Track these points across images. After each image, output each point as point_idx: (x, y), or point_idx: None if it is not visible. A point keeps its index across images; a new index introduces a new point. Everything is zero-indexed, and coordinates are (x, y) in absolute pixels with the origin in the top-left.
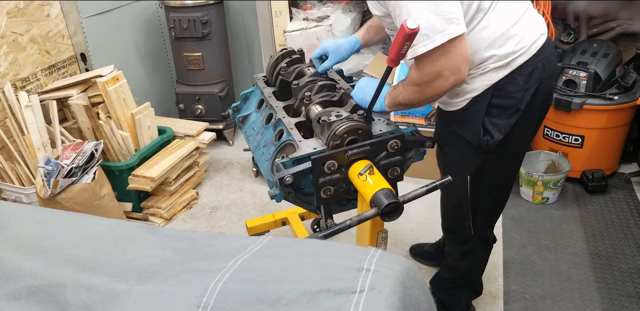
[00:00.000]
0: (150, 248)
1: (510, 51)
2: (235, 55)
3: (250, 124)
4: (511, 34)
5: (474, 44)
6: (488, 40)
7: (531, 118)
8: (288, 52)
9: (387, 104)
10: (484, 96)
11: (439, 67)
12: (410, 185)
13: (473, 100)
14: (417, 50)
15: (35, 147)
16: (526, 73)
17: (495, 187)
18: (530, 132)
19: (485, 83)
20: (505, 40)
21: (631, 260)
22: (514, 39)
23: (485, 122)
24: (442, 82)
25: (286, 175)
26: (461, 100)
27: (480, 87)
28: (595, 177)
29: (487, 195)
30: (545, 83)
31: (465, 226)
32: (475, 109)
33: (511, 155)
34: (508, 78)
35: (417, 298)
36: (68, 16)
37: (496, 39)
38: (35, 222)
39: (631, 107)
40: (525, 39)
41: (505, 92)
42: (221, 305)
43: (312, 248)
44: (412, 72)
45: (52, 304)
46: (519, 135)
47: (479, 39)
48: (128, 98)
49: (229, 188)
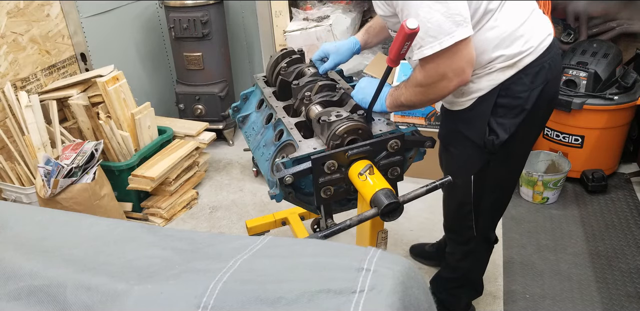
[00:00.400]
0: (150, 248)
1: (518, 51)
2: (235, 55)
3: (250, 124)
4: (519, 34)
5: (482, 44)
6: (496, 41)
7: (536, 118)
8: (288, 52)
9: (389, 105)
10: (490, 96)
11: (444, 69)
12: (410, 185)
13: (479, 100)
14: (424, 51)
15: (35, 147)
16: (532, 73)
17: (499, 187)
18: (534, 132)
19: (491, 83)
20: (512, 40)
21: (631, 260)
22: (521, 39)
23: (491, 121)
24: (446, 84)
25: (286, 175)
26: (467, 100)
27: (486, 86)
28: (595, 177)
29: (490, 195)
30: (551, 84)
31: (467, 226)
32: (481, 109)
33: (515, 155)
34: (514, 78)
35: (417, 298)
36: (68, 16)
37: (504, 39)
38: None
39: (631, 107)
40: (533, 39)
41: (512, 91)
42: (221, 305)
43: (312, 248)
44: (417, 73)
45: (52, 304)
46: (524, 135)
47: (487, 39)
48: (128, 98)
49: (229, 188)
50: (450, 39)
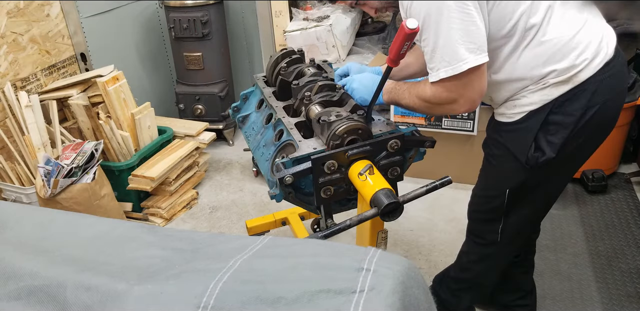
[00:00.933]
0: (150, 248)
1: (570, 65)
2: (235, 55)
3: (250, 124)
4: (571, 47)
5: (530, 61)
6: (545, 56)
7: (589, 140)
8: (288, 52)
9: (386, 100)
10: (542, 111)
11: (455, 95)
12: (410, 185)
13: (529, 114)
14: (440, 74)
15: (35, 147)
16: (590, 90)
17: (533, 206)
18: (583, 155)
19: (545, 98)
20: (564, 54)
21: (631, 260)
22: (574, 52)
23: (540, 138)
24: (454, 107)
25: (286, 175)
26: (517, 113)
27: (539, 101)
28: (595, 177)
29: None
30: (611, 103)
31: (493, 230)
32: (530, 124)
33: (558, 177)
34: (569, 94)
35: (417, 298)
36: (68, 16)
37: (554, 54)
38: (35, 222)
39: (631, 107)
40: (587, 51)
41: (566, 109)
42: (221, 305)
43: (312, 248)
44: (426, 89)
45: (52, 304)
46: (572, 157)
47: (536, 55)
48: (128, 98)
49: (229, 188)
50: (463, 65)
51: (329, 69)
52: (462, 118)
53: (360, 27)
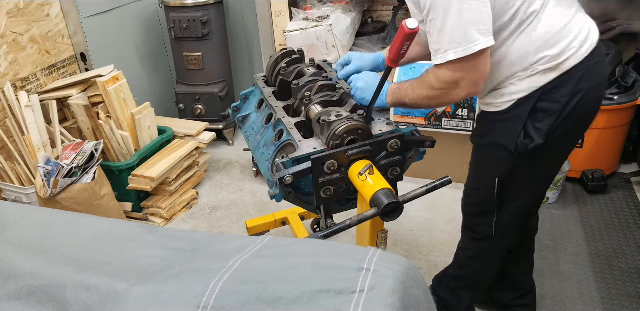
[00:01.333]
0: (150, 248)
1: (561, 51)
2: (235, 55)
3: (250, 124)
4: (563, 35)
5: (525, 46)
6: (539, 42)
7: (576, 126)
8: (288, 52)
9: (390, 102)
10: (530, 99)
11: (460, 78)
12: (410, 185)
13: (518, 102)
14: (448, 56)
15: (35, 147)
16: (576, 77)
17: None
18: (571, 141)
19: (532, 86)
20: (556, 41)
21: (631, 260)
22: (565, 40)
23: (528, 125)
24: (457, 92)
25: (286, 175)
26: (505, 101)
27: (527, 88)
28: (595, 177)
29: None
30: (595, 90)
31: (487, 223)
32: (518, 112)
33: (547, 162)
34: (556, 82)
35: (417, 298)
36: (68, 16)
37: (547, 41)
38: (35, 222)
39: (631, 107)
40: (576, 41)
41: (553, 95)
42: (221, 305)
43: (312, 248)
44: (430, 77)
45: (52, 304)
46: (559, 143)
47: (530, 41)
48: (128, 98)
49: (229, 188)
50: (474, 46)
51: (329, 69)
52: (462, 119)
53: (360, 27)
